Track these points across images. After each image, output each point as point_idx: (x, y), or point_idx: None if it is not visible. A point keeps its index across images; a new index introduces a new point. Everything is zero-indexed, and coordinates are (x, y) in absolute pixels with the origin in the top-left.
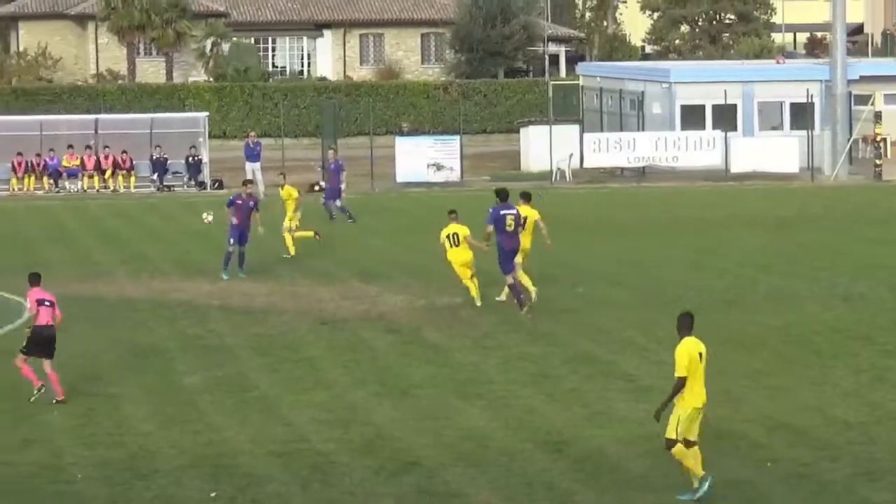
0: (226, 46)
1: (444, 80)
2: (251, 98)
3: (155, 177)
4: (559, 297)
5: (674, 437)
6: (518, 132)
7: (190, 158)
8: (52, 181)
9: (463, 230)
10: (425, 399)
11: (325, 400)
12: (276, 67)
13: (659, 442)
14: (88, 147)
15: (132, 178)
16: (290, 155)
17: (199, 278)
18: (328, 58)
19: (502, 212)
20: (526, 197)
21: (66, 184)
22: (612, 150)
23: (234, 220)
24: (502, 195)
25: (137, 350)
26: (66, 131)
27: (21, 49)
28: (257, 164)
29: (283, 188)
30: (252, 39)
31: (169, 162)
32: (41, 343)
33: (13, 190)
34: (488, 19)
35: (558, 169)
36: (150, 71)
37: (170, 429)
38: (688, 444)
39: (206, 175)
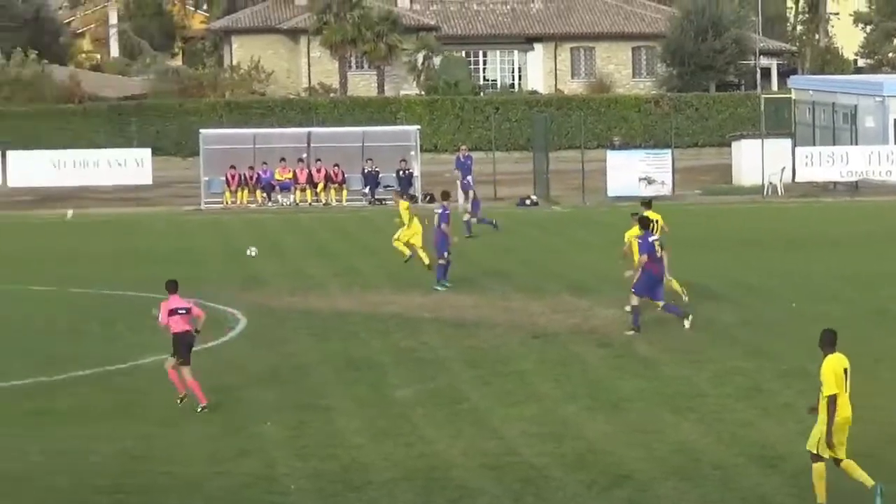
0: (437, 60)
1: (656, 93)
2: (462, 111)
3: (366, 190)
4: (772, 311)
5: (815, 450)
6: (730, 146)
7: (401, 172)
8: (264, 194)
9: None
10: (636, 413)
11: (536, 413)
12: (487, 81)
13: (870, 461)
14: (301, 160)
15: (344, 192)
16: (500, 168)
17: (411, 291)
18: (539, 71)
19: (651, 239)
20: (647, 204)
21: (279, 197)
22: (824, 164)
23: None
24: (644, 222)
25: (350, 362)
26: (279, 144)
27: (234, 63)
28: (469, 178)
29: (400, 203)
30: (463, 53)
31: (380, 175)
32: (180, 350)
33: (227, 203)
34: (699, 33)
35: (770, 183)
36: (362, 84)
37: (382, 441)
38: (818, 458)
39: (417, 188)
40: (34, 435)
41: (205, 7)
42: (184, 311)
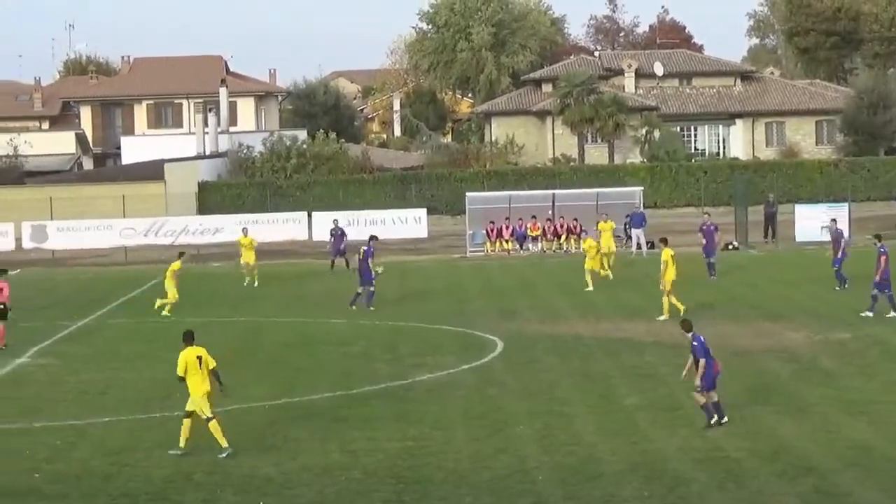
0: (657, 134)
1: (835, 158)
2: (678, 175)
3: (633, 237)
4: None
5: None
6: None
7: (626, 225)
8: (517, 244)
9: None
10: (819, 416)
11: (735, 417)
12: (697, 150)
13: None
14: (549, 220)
15: (581, 241)
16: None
17: (637, 319)
18: (739, 141)
19: (702, 338)
20: (664, 241)
21: (529, 246)
22: None
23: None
24: (686, 325)
25: (587, 377)
26: (529, 204)
27: (493, 139)
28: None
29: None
30: (678, 128)
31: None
32: None
33: (487, 252)
34: (871, 107)
35: None
36: (596, 154)
37: (612, 440)
38: None
39: (642, 237)
40: (334, 437)
41: (470, 94)
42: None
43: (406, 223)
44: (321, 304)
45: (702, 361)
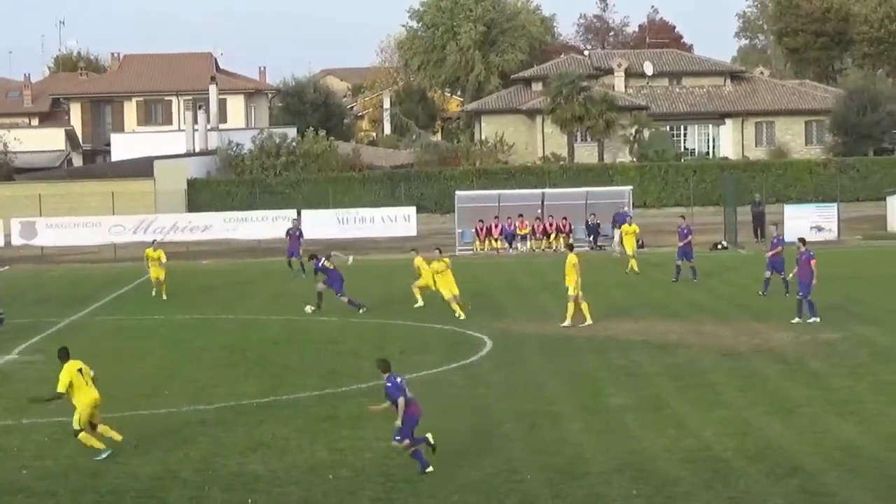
0: (646, 133)
1: (824, 158)
2: (667, 174)
3: (590, 238)
4: None
5: None
6: (885, 200)
7: (613, 225)
8: (506, 243)
9: None
10: (807, 416)
11: (724, 417)
12: (687, 150)
13: None
14: (538, 219)
15: (570, 240)
16: (697, 220)
17: (625, 318)
18: (729, 141)
19: (398, 380)
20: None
21: (518, 244)
22: None
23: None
24: (383, 366)
25: (575, 376)
26: (518, 203)
27: (483, 137)
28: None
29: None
30: (668, 127)
31: (600, 227)
32: None
33: (476, 250)
34: (860, 109)
35: None
36: (586, 153)
37: (599, 440)
38: None
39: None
40: (323, 435)
41: (459, 93)
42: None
43: (395, 221)
44: (309, 301)
45: (400, 401)
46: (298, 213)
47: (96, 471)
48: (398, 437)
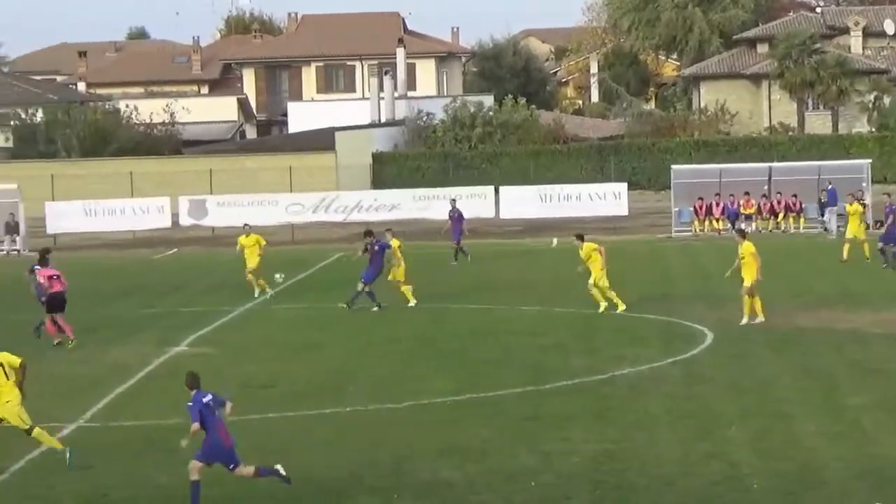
0: (887, 100)
1: None
2: None
3: (823, 218)
4: None
5: None
6: None
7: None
8: (729, 223)
9: None
10: None
11: None
12: None
13: None
14: (764, 196)
15: (801, 220)
16: None
17: (863, 309)
18: None
19: (204, 399)
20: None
21: (742, 224)
22: None
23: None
24: (191, 380)
25: (807, 373)
26: (742, 178)
27: (702, 105)
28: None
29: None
30: None
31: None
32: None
33: (695, 231)
34: None
35: None
36: (818, 123)
37: (836, 444)
38: None
39: (869, 217)
40: (524, 437)
41: (675, 56)
42: (56, 278)
43: (604, 199)
44: (509, 289)
45: (195, 425)
46: (496, 190)
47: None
48: (198, 456)
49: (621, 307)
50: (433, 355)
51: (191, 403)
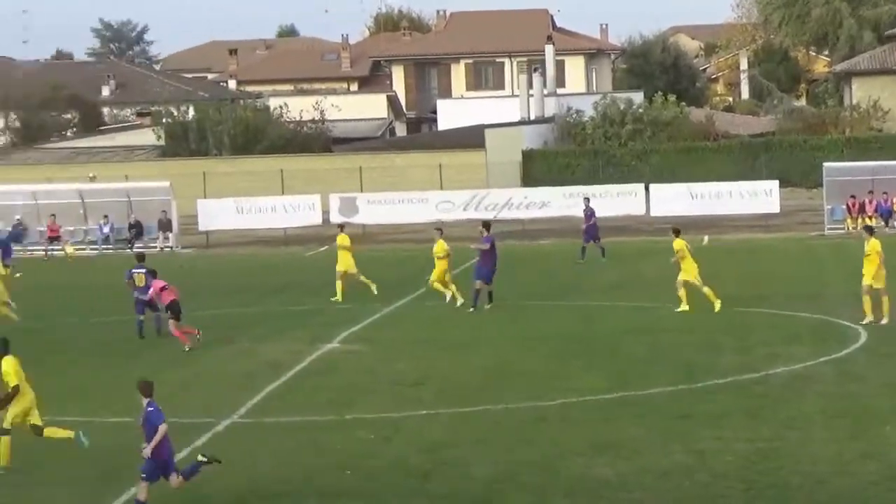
0: None
1: None
2: None
3: None
4: None
5: None
6: None
7: None
8: (882, 221)
9: None
10: None
11: None
12: None
13: None
14: None
15: None
16: None
17: None
18: None
19: (152, 409)
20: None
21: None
22: None
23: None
24: (144, 388)
25: None
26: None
27: (854, 102)
28: None
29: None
30: None
31: None
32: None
33: (848, 229)
34: None
35: None
36: None
37: None
38: None
39: None
40: (677, 435)
41: (826, 52)
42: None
43: (755, 196)
44: (659, 286)
45: (162, 427)
46: (646, 188)
47: (426, 471)
48: (144, 472)
49: (683, 307)
50: (582, 353)
51: (150, 409)
